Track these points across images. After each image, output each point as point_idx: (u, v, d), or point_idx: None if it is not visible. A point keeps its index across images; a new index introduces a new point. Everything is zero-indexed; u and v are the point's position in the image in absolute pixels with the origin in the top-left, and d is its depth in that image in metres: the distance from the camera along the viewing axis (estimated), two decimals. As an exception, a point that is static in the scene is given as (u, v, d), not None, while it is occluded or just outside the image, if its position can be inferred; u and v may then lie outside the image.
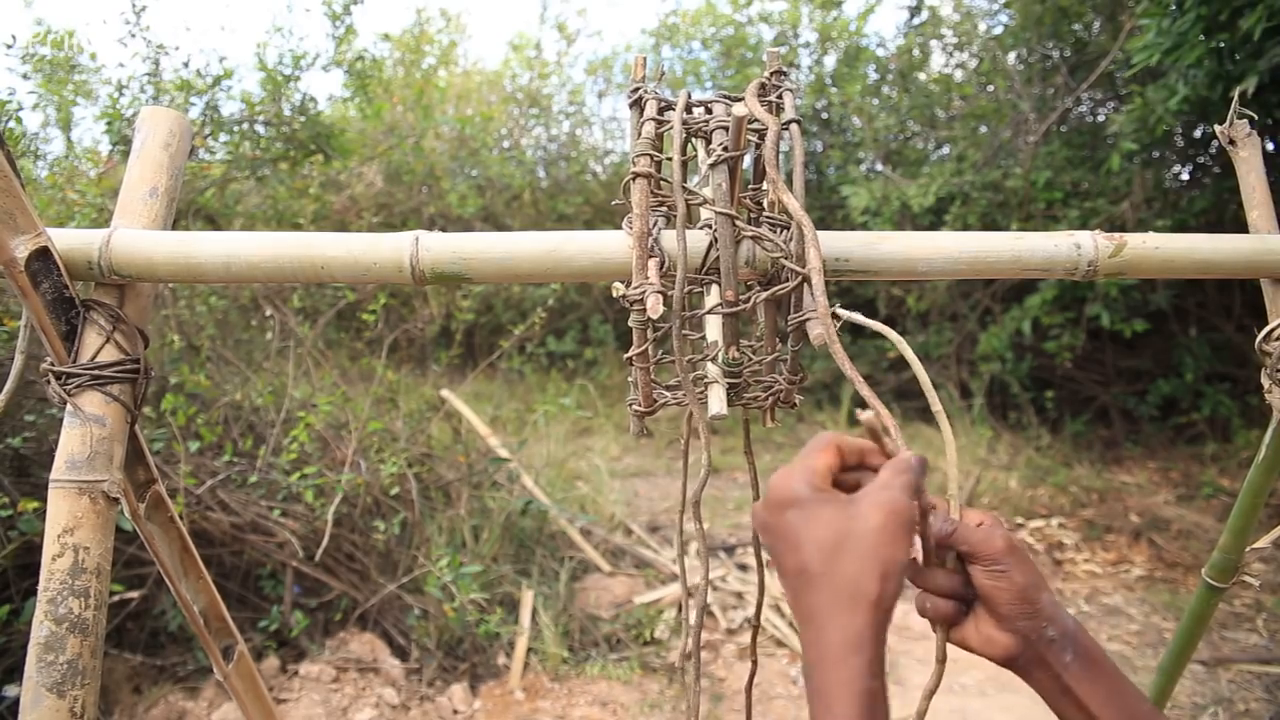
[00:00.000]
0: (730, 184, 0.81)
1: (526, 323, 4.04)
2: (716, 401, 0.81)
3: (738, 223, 0.80)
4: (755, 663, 1.12)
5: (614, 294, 0.79)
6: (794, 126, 0.80)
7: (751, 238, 0.80)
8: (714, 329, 0.84)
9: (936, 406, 0.71)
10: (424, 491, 3.45)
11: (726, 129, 0.82)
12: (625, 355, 0.84)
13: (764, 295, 0.80)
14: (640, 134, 0.83)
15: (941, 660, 0.72)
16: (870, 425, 0.66)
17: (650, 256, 0.79)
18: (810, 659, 0.59)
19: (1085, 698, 0.65)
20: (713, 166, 0.80)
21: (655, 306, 0.76)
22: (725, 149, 0.80)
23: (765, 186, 0.91)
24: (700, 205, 0.82)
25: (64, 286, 0.83)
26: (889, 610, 0.59)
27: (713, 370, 0.83)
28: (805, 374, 0.88)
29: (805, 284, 0.79)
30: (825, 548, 0.59)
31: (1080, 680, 0.65)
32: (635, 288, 0.78)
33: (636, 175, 0.80)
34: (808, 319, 0.78)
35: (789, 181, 0.78)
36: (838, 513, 0.60)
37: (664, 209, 0.85)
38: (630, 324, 0.80)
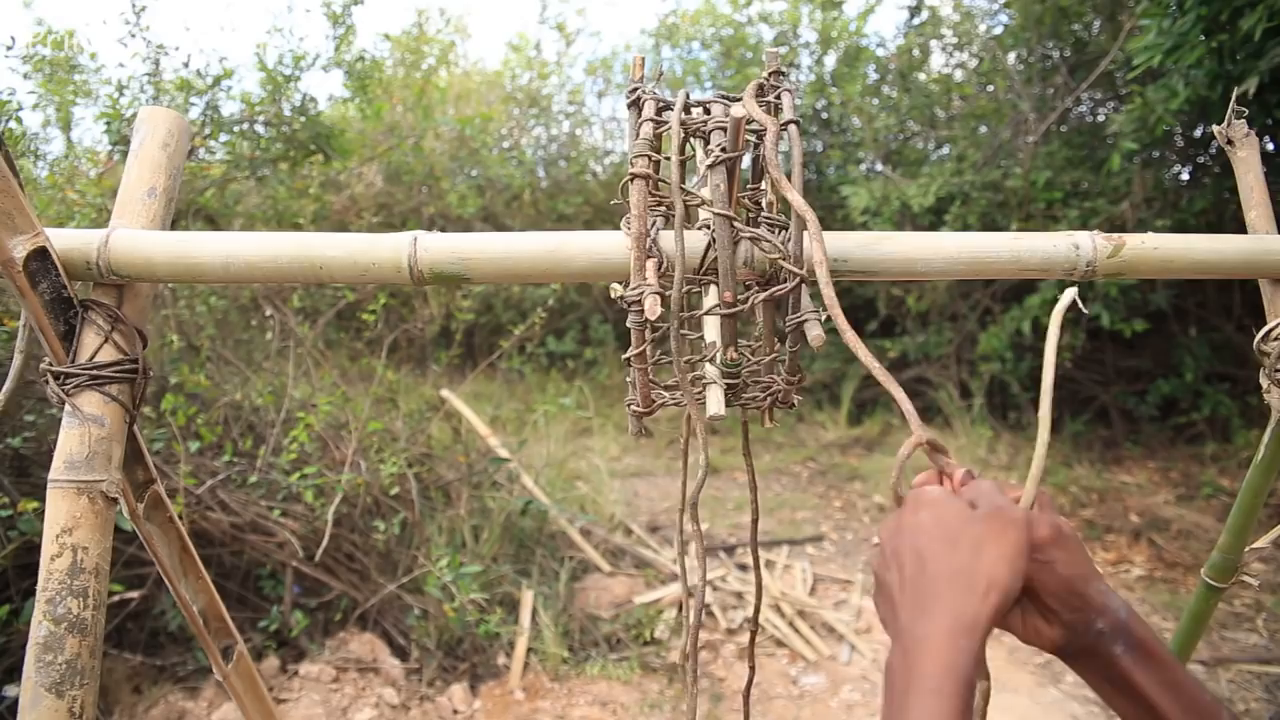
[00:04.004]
0: (729, 185, 0.81)
1: (526, 323, 4.04)
2: (715, 402, 0.81)
3: (736, 224, 0.80)
4: (753, 668, 1.12)
5: (612, 295, 0.79)
6: (792, 127, 0.80)
7: (749, 239, 0.80)
8: (712, 329, 0.84)
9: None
10: (424, 491, 3.45)
11: (724, 130, 0.82)
12: (624, 356, 0.84)
13: (762, 297, 0.80)
14: (639, 135, 0.83)
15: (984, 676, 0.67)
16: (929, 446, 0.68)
17: (648, 257, 0.79)
18: (911, 637, 0.57)
19: (1141, 688, 0.63)
20: (711, 168, 0.80)
21: (653, 309, 0.76)
22: (724, 150, 0.80)
23: (764, 186, 0.91)
24: (699, 206, 0.82)
25: (62, 286, 0.83)
26: (1006, 602, 0.58)
27: (711, 371, 0.83)
28: (804, 375, 0.87)
29: (803, 285, 0.79)
30: (950, 531, 0.60)
31: (1134, 671, 0.63)
32: (633, 289, 0.78)
33: (634, 176, 0.80)
34: (806, 320, 0.78)
35: (789, 175, 0.78)
36: (961, 506, 0.62)
37: (662, 209, 0.85)
38: (629, 325, 0.80)
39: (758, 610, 1.04)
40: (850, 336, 0.71)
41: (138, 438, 0.92)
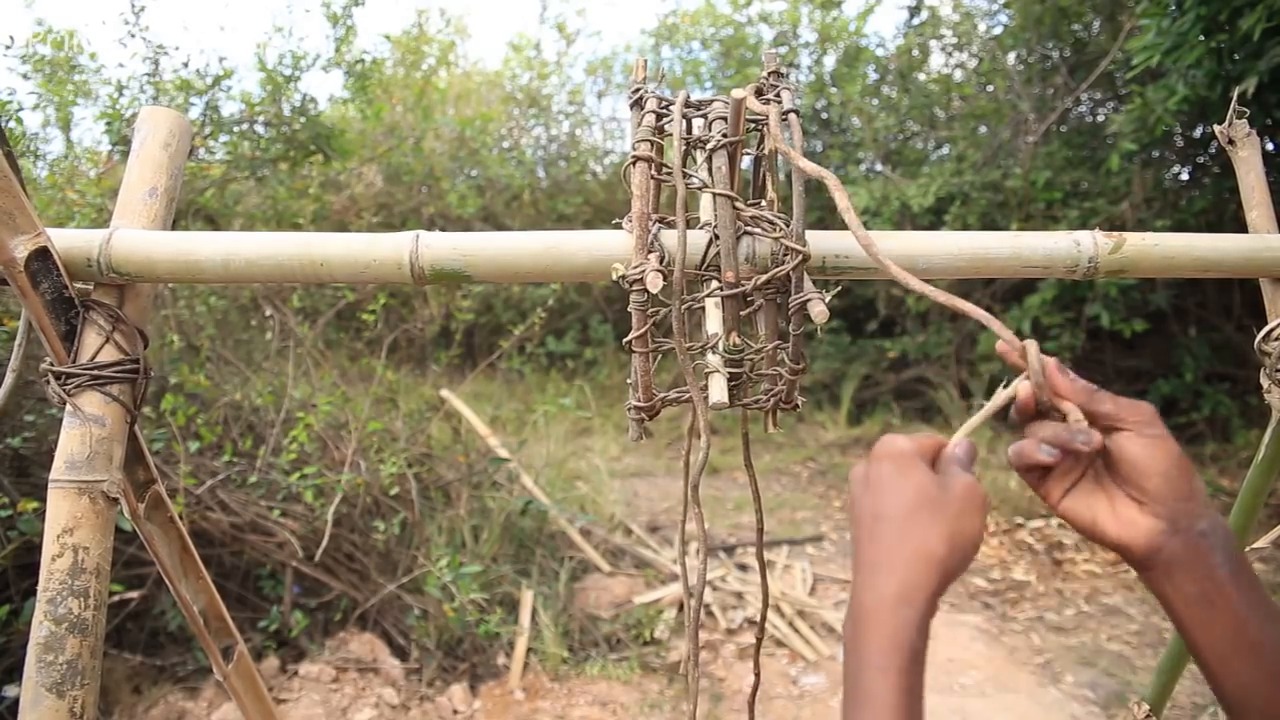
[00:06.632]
0: (730, 170, 0.81)
1: (526, 323, 4.03)
2: (717, 390, 0.81)
3: (737, 205, 0.80)
4: (758, 675, 1.11)
5: (613, 275, 0.79)
6: (793, 117, 0.80)
7: (750, 220, 0.81)
8: (714, 321, 0.84)
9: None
10: (424, 491, 3.45)
11: (726, 119, 0.82)
12: (625, 340, 0.83)
13: (765, 278, 0.80)
14: (641, 124, 0.83)
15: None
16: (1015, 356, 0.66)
17: (650, 252, 0.79)
18: (859, 606, 0.58)
19: (1238, 607, 0.56)
20: (713, 151, 0.80)
21: (655, 281, 0.76)
22: (724, 135, 0.80)
23: (763, 201, 0.91)
24: (700, 189, 0.82)
25: (63, 286, 0.83)
26: (949, 578, 0.58)
27: (713, 360, 0.83)
28: (806, 364, 0.87)
29: (803, 268, 0.79)
30: (907, 501, 0.59)
31: (1232, 586, 0.56)
32: (635, 267, 0.78)
33: (637, 159, 0.80)
34: (809, 299, 0.78)
35: (789, 178, 0.78)
36: (926, 476, 0.61)
37: (663, 220, 0.86)
38: (630, 308, 0.80)
39: (764, 615, 1.04)
40: (889, 263, 0.70)
41: (138, 438, 0.92)
